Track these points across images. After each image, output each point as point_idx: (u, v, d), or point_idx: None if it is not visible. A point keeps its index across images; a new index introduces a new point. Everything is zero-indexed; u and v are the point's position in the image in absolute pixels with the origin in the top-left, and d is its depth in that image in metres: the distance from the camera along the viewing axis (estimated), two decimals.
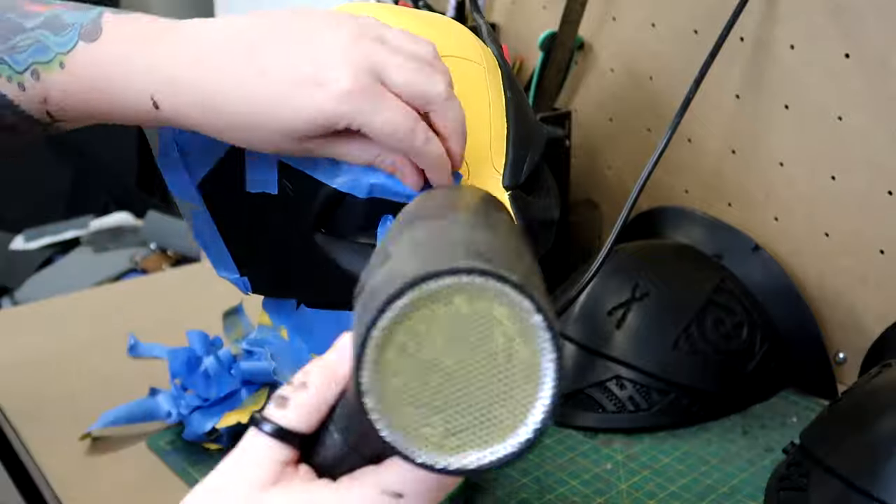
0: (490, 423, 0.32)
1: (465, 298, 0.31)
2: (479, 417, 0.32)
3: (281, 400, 0.37)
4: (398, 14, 0.58)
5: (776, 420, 0.79)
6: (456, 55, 0.55)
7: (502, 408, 0.32)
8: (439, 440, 0.32)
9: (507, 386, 0.31)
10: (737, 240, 0.87)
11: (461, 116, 0.49)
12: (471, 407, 0.32)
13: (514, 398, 0.32)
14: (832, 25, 0.78)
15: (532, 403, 0.32)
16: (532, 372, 0.31)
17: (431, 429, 0.32)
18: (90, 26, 0.50)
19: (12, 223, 2.12)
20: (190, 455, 0.75)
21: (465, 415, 0.32)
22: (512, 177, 0.54)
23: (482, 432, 0.32)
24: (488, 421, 0.32)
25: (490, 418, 0.32)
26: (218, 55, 0.48)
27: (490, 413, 0.32)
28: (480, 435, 0.32)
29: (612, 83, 1.00)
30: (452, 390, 0.31)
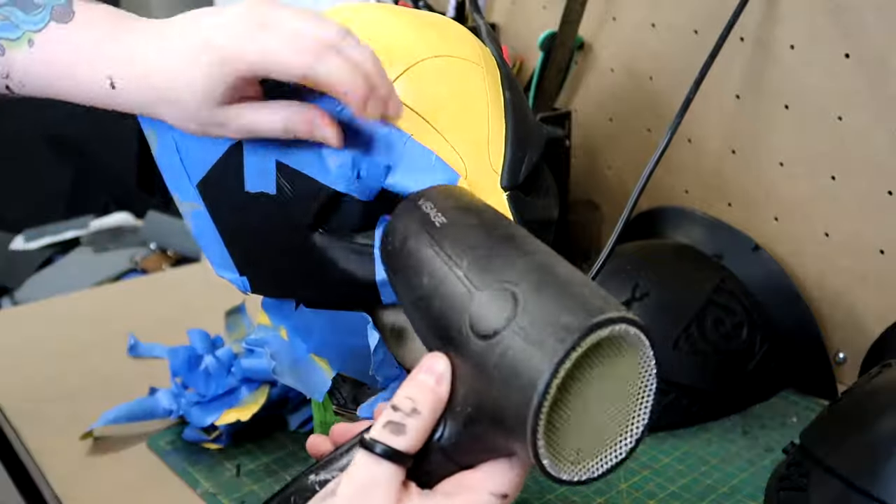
0: (608, 439, 0.38)
1: (609, 344, 0.36)
2: (602, 437, 0.38)
3: (396, 426, 0.40)
4: (398, 14, 0.58)
5: (776, 420, 0.79)
6: (454, 55, 0.55)
7: (617, 426, 0.38)
8: (574, 458, 0.38)
9: (624, 409, 0.38)
10: (737, 240, 0.87)
11: (368, 53, 0.49)
12: (599, 430, 0.38)
13: (625, 417, 0.38)
14: (832, 25, 0.78)
15: (637, 419, 0.38)
16: (641, 396, 0.38)
17: (572, 450, 0.37)
18: (61, 8, 0.53)
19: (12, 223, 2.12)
20: (190, 455, 0.75)
21: (594, 436, 0.38)
22: (510, 177, 0.54)
23: (602, 448, 0.38)
24: (607, 438, 0.38)
25: (608, 435, 0.38)
26: (164, 43, 0.50)
27: (610, 431, 0.38)
28: (600, 450, 0.38)
29: (612, 83, 1.00)
30: (590, 419, 0.37)
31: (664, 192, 0.97)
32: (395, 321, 0.56)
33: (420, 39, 0.55)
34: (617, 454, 0.38)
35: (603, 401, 0.38)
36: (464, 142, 0.53)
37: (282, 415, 0.78)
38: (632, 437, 0.39)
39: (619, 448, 0.39)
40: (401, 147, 0.51)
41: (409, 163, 0.51)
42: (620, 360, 0.37)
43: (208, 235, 0.58)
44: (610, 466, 0.38)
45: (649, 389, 0.38)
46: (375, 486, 0.40)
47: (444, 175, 0.51)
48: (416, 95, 0.53)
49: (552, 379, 0.35)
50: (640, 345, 0.37)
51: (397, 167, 0.51)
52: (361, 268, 0.52)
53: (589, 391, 0.37)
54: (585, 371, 0.37)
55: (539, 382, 0.35)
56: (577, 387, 0.37)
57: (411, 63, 0.53)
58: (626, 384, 0.38)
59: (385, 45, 0.54)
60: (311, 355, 0.59)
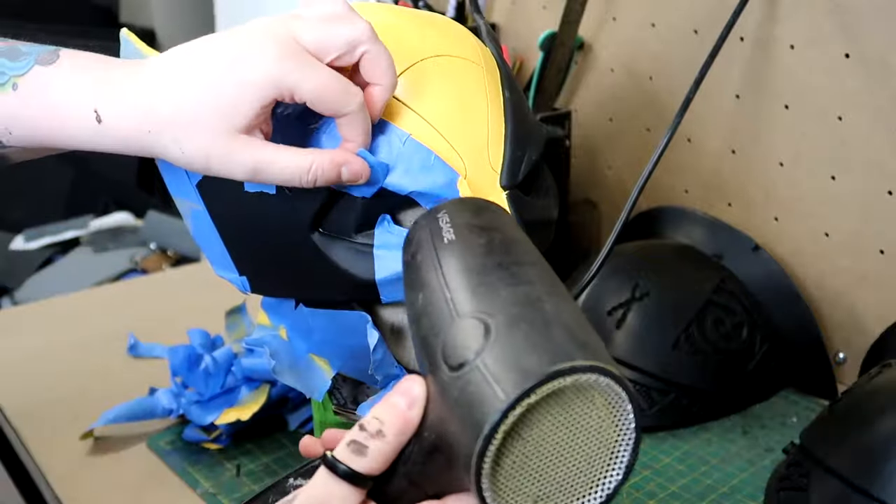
0: (572, 491, 0.36)
1: (574, 392, 0.34)
2: (564, 488, 0.36)
3: (358, 447, 0.39)
4: (398, 14, 0.58)
5: (776, 420, 0.79)
6: (454, 55, 0.55)
7: (584, 478, 0.36)
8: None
9: (592, 461, 0.36)
10: (737, 240, 0.87)
11: (387, 57, 0.49)
12: (560, 480, 0.36)
13: (595, 470, 0.36)
14: (832, 25, 0.78)
15: (609, 474, 0.36)
16: (615, 447, 0.36)
17: (525, 497, 0.36)
18: (47, 55, 0.52)
19: (12, 223, 2.12)
20: (190, 455, 0.75)
21: (553, 486, 0.36)
22: (509, 176, 0.54)
23: (564, 500, 0.36)
24: (571, 490, 0.36)
25: (572, 488, 0.36)
26: (166, 70, 0.49)
27: (574, 484, 0.36)
28: (562, 500, 0.36)
29: (612, 83, 1.00)
30: (549, 467, 0.35)
31: (664, 192, 0.97)
32: (395, 321, 0.56)
33: (420, 39, 0.55)
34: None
35: (569, 451, 0.35)
36: (463, 141, 0.53)
37: (282, 415, 0.78)
38: (602, 492, 0.36)
39: (586, 503, 0.36)
40: (399, 146, 0.51)
41: (409, 162, 0.51)
42: (591, 410, 0.35)
43: (208, 235, 0.58)
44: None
45: (626, 443, 0.36)
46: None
47: (444, 174, 0.51)
48: (416, 95, 0.53)
49: (499, 424, 0.33)
50: (613, 396, 0.35)
51: (396, 166, 0.51)
52: (361, 267, 0.52)
53: (551, 439, 0.35)
54: (548, 417, 0.35)
55: (486, 426, 0.33)
56: (536, 432, 0.35)
57: (411, 62, 0.53)
58: (598, 436, 0.35)
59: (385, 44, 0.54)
60: (311, 355, 0.59)
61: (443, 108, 0.53)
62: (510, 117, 0.55)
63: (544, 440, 0.35)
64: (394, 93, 0.51)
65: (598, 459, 0.36)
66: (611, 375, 0.34)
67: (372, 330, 0.54)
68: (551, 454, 0.35)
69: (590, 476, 0.36)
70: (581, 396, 0.34)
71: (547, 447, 0.35)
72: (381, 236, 0.52)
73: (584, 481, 0.36)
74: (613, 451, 0.36)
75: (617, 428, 0.35)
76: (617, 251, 0.89)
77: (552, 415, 0.34)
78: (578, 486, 0.36)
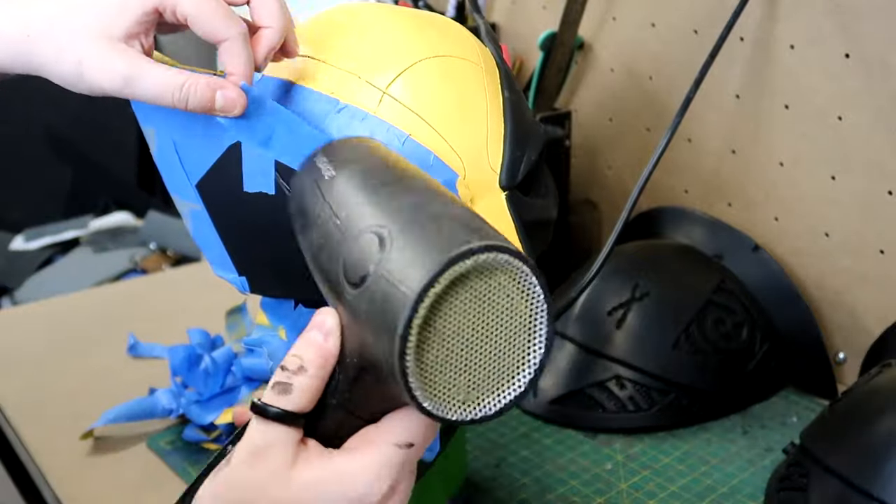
0: (501, 374, 0.36)
1: (478, 274, 0.35)
2: (493, 372, 0.36)
3: (283, 387, 0.39)
4: (398, 14, 0.58)
5: (776, 420, 0.79)
6: (454, 55, 0.55)
7: (510, 358, 0.36)
8: (464, 397, 0.36)
9: (511, 339, 0.36)
10: (737, 240, 0.87)
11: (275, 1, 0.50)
12: (487, 365, 0.36)
13: (518, 349, 0.36)
14: (832, 25, 0.78)
15: (533, 348, 0.37)
16: (530, 322, 0.36)
17: (457, 389, 0.36)
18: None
19: (12, 223, 2.12)
20: (190, 455, 0.75)
21: (482, 372, 0.36)
22: (509, 177, 0.54)
23: (495, 383, 0.36)
24: (500, 373, 0.36)
25: (501, 370, 0.36)
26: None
27: (501, 366, 0.36)
28: (494, 386, 0.36)
29: (612, 83, 1.00)
30: (473, 354, 0.36)
31: (664, 192, 0.97)
32: None
33: (419, 39, 0.55)
34: (515, 388, 0.37)
35: (487, 334, 0.36)
36: (462, 141, 0.53)
37: None
38: (529, 370, 0.37)
39: (517, 382, 0.37)
40: (398, 146, 0.51)
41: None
42: (498, 289, 0.35)
43: (207, 235, 0.57)
44: (508, 402, 0.37)
45: (541, 317, 0.36)
46: (268, 449, 0.39)
47: (443, 174, 0.51)
48: (415, 95, 0.53)
49: (411, 320, 0.34)
50: (515, 271, 0.35)
51: None
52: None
53: (467, 326, 0.35)
54: (458, 304, 0.35)
55: (399, 325, 0.34)
56: (451, 322, 0.35)
57: (411, 63, 0.53)
58: (512, 314, 0.36)
59: (384, 44, 0.54)
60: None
61: (442, 109, 0.53)
62: (509, 117, 0.55)
63: (461, 328, 0.35)
64: (285, 35, 0.51)
65: (517, 337, 0.36)
66: (508, 252, 0.35)
67: None
68: (471, 340, 0.36)
69: (514, 355, 0.37)
70: (485, 278, 0.35)
71: (465, 334, 0.36)
72: None
73: (509, 361, 0.37)
74: (530, 325, 0.36)
75: (528, 302, 0.36)
76: (617, 251, 0.89)
77: (462, 301, 0.35)
78: (505, 366, 0.37)
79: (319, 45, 0.55)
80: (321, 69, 0.53)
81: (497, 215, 0.52)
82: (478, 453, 0.75)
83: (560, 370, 0.80)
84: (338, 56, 0.54)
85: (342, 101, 0.52)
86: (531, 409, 0.80)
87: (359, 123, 0.51)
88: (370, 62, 0.53)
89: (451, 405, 0.36)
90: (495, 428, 0.79)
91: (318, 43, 0.55)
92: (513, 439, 0.77)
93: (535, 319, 0.36)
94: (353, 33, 0.55)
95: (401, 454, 0.39)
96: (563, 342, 0.81)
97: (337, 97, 0.52)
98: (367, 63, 0.53)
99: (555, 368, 0.80)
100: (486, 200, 0.52)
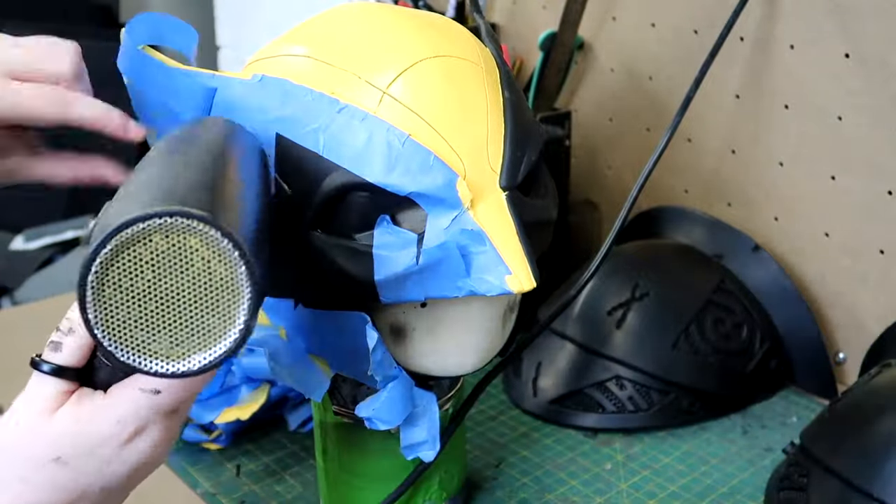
0: (206, 331, 0.39)
1: (161, 236, 0.37)
2: (195, 329, 0.39)
3: (55, 345, 0.45)
4: (398, 14, 0.58)
5: (776, 420, 0.79)
6: (454, 55, 0.55)
7: (213, 317, 0.39)
8: (166, 352, 0.39)
9: (214, 299, 0.38)
10: (737, 240, 0.87)
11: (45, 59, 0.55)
12: (187, 322, 0.38)
13: (221, 307, 0.39)
14: (832, 25, 0.78)
15: (237, 308, 0.38)
16: (232, 284, 0.38)
17: (158, 344, 0.39)
18: None
19: (12, 223, 2.11)
20: (190, 455, 0.75)
21: (183, 329, 0.38)
22: (509, 177, 0.54)
23: (201, 340, 0.39)
24: (204, 330, 0.39)
25: (205, 327, 0.39)
26: None
27: (204, 323, 0.39)
28: (199, 342, 0.39)
29: (612, 83, 1.00)
30: (169, 311, 0.38)
31: (664, 192, 0.97)
32: (395, 321, 0.56)
33: (420, 39, 0.55)
34: (221, 347, 0.39)
35: (185, 294, 0.38)
36: (463, 142, 0.53)
37: (282, 415, 0.78)
38: (235, 331, 0.39)
39: (224, 342, 0.39)
40: (399, 147, 0.51)
41: (408, 162, 0.51)
42: (190, 253, 0.38)
43: None
44: (214, 359, 0.39)
45: (243, 280, 0.38)
46: (38, 396, 0.44)
47: (443, 175, 0.51)
48: (415, 95, 0.53)
49: (84, 279, 0.37)
50: (204, 235, 0.37)
51: (396, 167, 0.51)
52: (360, 267, 0.52)
53: (159, 285, 0.38)
54: (143, 264, 0.38)
55: (77, 281, 0.37)
56: (139, 281, 0.38)
57: (411, 63, 0.53)
58: (210, 277, 0.38)
59: (385, 44, 0.54)
60: (311, 355, 0.59)
61: (442, 109, 0.53)
62: (510, 118, 0.55)
63: (151, 286, 0.38)
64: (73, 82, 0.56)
65: (220, 299, 0.38)
66: (194, 217, 0.37)
67: (371, 331, 0.54)
68: (167, 299, 0.38)
69: (219, 315, 0.39)
70: (173, 240, 0.37)
71: (159, 293, 0.38)
72: (381, 237, 0.52)
73: (214, 321, 0.39)
74: (232, 288, 0.38)
75: (225, 265, 0.38)
76: (617, 251, 0.89)
77: (147, 260, 0.38)
78: (210, 325, 0.39)
79: (320, 45, 0.55)
80: (321, 69, 0.53)
81: (497, 215, 0.52)
82: (478, 453, 0.75)
83: (560, 370, 0.80)
84: (338, 56, 0.54)
85: (342, 100, 0.52)
86: (531, 409, 0.80)
87: (359, 123, 0.51)
88: (371, 62, 0.53)
89: (154, 358, 0.39)
90: (495, 428, 0.79)
91: (318, 43, 0.55)
92: (513, 439, 0.77)
93: (237, 282, 0.38)
94: (353, 33, 0.55)
95: (146, 399, 0.43)
96: (563, 342, 0.81)
97: (337, 97, 0.52)
98: (368, 63, 0.53)
99: (555, 368, 0.80)
100: (486, 201, 0.52)
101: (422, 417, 0.59)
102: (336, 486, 0.65)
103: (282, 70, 0.54)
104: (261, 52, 0.57)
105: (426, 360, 0.57)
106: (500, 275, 0.51)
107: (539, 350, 0.82)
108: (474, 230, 0.51)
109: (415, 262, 0.51)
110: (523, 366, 0.83)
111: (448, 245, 0.51)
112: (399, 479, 0.62)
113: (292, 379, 0.59)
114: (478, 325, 0.57)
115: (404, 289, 0.52)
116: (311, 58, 0.54)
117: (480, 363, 0.59)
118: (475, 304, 0.56)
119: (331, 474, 0.65)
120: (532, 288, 0.51)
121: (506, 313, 0.59)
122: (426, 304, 0.55)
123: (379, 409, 0.57)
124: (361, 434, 0.60)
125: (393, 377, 0.56)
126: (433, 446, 0.59)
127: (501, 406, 0.82)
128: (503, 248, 0.51)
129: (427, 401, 0.59)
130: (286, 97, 0.52)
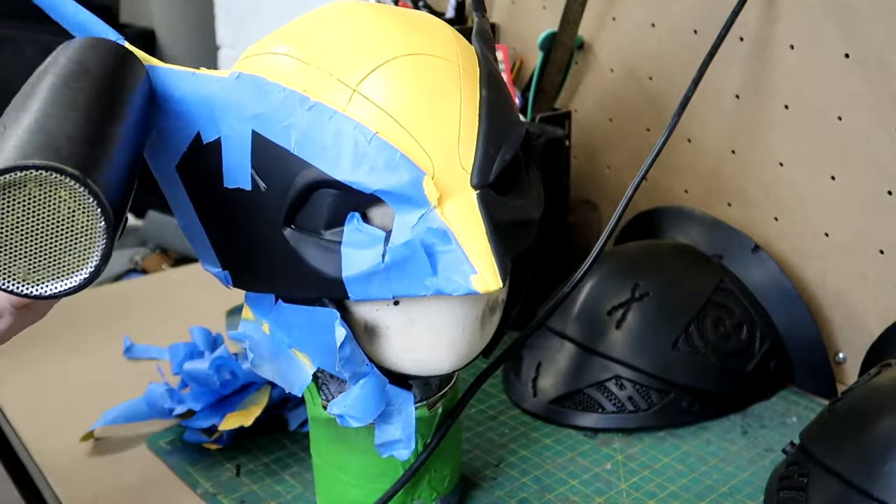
0: (60, 266, 0.45)
1: (35, 185, 0.42)
2: (51, 263, 0.45)
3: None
4: (381, 13, 0.57)
5: (776, 420, 0.79)
6: (429, 53, 0.55)
7: (69, 256, 0.45)
8: (24, 276, 0.44)
9: (72, 242, 0.44)
10: (737, 240, 0.87)
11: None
12: (46, 256, 0.45)
13: (78, 250, 0.45)
14: (832, 25, 0.78)
15: (91, 253, 0.45)
16: (90, 233, 0.44)
17: (17, 268, 0.44)
18: None
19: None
20: (190, 455, 0.75)
21: (41, 261, 0.44)
22: (480, 175, 0.53)
23: (58, 271, 0.45)
24: (62, 264, 0.45)
25: (60, 263, 0.45)
26: None
27: (60, 260, 0.45)
28: (57, 273, 0.45)
29: (612, 83, 1.00)
30: (32, 244, 0.44)
31: (664, 192, 0.97)
32: (369, 318, 0.56)
33: (395, 37, 0.55)
34: (73, 280, 0.44)
35: (49, 232, 0.44)
36: (432, 140, 0.52)
37: (282, 415, 0.78)
38: (87, 269, 0.44)
39: (76, 277, 0.45)
40: (365, 144, 0.51)
41: (374, 160, 0.51)
42: (59, 201, 0.43)
43: (194, 229, 0.59)
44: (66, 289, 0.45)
45: (99, 228, 0.43)
46: None
47: (409, 173, 0.51)
48: (386, 93, 0.52)
49: None
50: (71, 188, 0.42)
51: (362, 164, 0.51)
52: (328, 264, 0.53)
53: (27, 222, 0.43)
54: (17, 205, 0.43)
55: None
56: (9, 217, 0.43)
57: (383, 61, 0.53)
58: (73, 222, 0.43)
59: (359, 43, 0.54)
60: (293, 350, 0.59)
61: (412, 107, 0.53)
62: (485, 116, 0.55)
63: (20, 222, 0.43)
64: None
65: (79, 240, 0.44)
66: (64, 173, 0.42)
67: (339, 326, 0.54)
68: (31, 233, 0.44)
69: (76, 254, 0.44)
70: (45, 189, 0.43)
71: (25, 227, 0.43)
72: (350, 234, 0.52)
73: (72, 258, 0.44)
74: (90, 233, 0.44)
75: (85, 214, 0.43)
76: (617, 251, 0.89)
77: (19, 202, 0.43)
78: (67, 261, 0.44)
79: (298, 44, 0.55)
80: (296, 67, 0.53)
81: (466, 214, 0.52)
82: (477, 453, 0.75)
83: (560, 370, 0.80)
84: (313, 54, 0.54)
85: (312, 98, 0.52)
86: (531, 409, 0.80)
87: (327, 121, 0.51)
88: (344, 60, 0.53)
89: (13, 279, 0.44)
90: (495, 428, 0.79)
91: (298, 41, 0.55)
92: (513, 439, 0.77)
93: (94, 232, 0.44)
94: (332, 32, 0.55)
95: (4, 297, 0.52)
96: (562, 342, 0.81)
97: (308, 94, 0.52)
98: (341, 61, 0.53)
99: (554, 368, 0.80)
100: (455, 199, 0.52)
101: (396, 416, 0.59)
102: (328, 483, 0.65)
103: (261, 68, 0.54)
104: (249, 49, 0.57)
105: (401, 359, 0.57)
106: (465, 274, 0.51)
107: (539, 350, 0.82)
108: (440, 229, 0.51)
109: (381, 260, 0.51)
110: (523, 366, 0.83)
111: (413, 243, 0.51)
112: (387, 476, 0.62)
113: (272, 372, 0.60)
114: (452, 326, 0.57)
115: (372, 286, 0.52)
116: (290, 56, 0.54)
117: (459, 363, 0.58)
118: (448, 303, 0.56)
119: (323, 471, 0.65)
120: (498, 288, 0.51)
121: (484, 314, 0.58)
122: (399, 303, 0.55)
123: (350, 405, 0.57)
124: (348, 430, 0.60)
125: (363, 374, 0.56)
126: (408, 445, 0.59)
127: (501, 406, 0.82)
128: (470, 247, 0.51)
129: (403, 399, 0.59)
130: (261, 94, 0.53)
